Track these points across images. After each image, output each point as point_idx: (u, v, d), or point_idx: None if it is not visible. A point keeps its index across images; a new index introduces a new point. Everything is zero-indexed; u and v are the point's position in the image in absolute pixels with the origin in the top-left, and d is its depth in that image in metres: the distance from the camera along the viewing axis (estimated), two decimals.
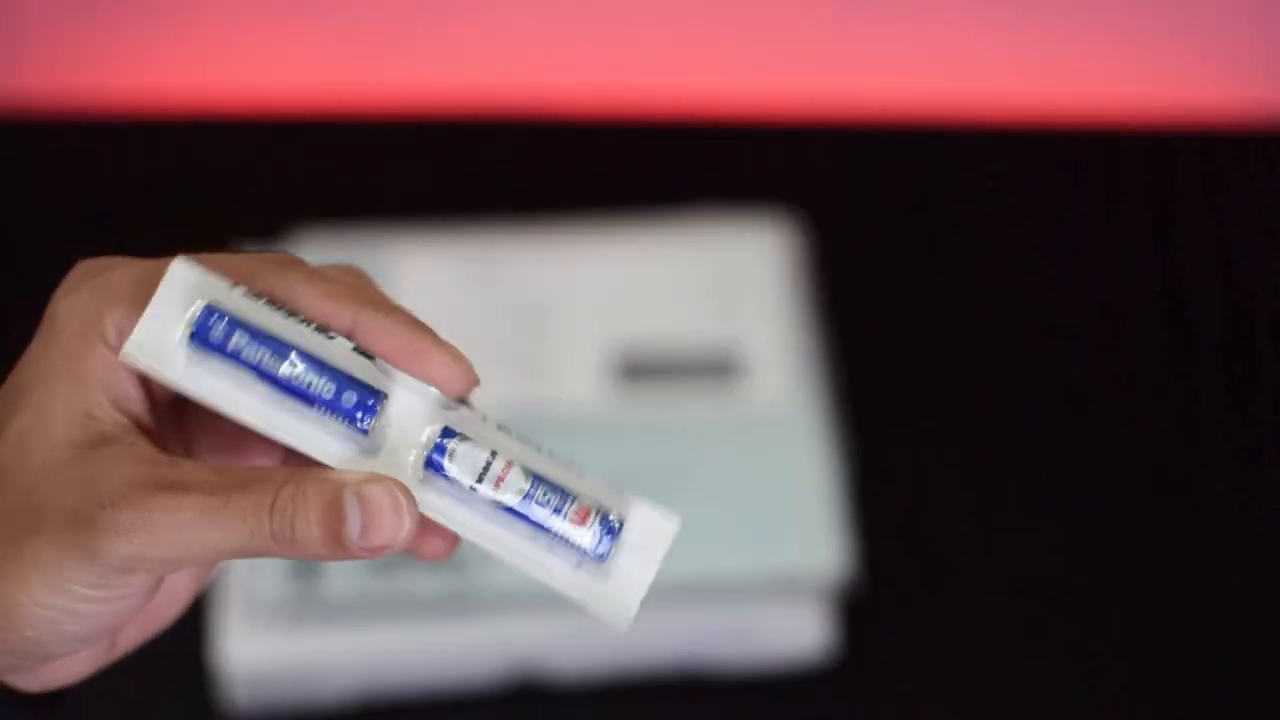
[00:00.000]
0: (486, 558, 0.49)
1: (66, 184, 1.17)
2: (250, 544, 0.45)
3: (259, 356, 0.46)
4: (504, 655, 0.93)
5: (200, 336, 0.46)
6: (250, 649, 0.91)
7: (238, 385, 0.46)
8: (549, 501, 0.47)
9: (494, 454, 0.47)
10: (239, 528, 0.45)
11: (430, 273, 1.04)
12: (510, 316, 1.03)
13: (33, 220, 1.15)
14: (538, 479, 0.47)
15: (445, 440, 0.47)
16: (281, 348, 0.46)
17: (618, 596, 0.47)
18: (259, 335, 0.46)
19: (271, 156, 1.18)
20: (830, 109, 1.20)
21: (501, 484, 0.47)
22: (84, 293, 0.48)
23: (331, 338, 0.47)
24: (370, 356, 0.47)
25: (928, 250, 1.13)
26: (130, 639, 0.52)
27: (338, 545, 0.45)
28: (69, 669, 0.50)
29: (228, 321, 0.46)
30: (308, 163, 1.18)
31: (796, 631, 0.94)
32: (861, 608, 0.95)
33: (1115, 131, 1.19)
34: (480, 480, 0.47)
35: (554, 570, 0.47)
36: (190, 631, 0.92)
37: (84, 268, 0.49)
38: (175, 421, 0.50)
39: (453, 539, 0.48)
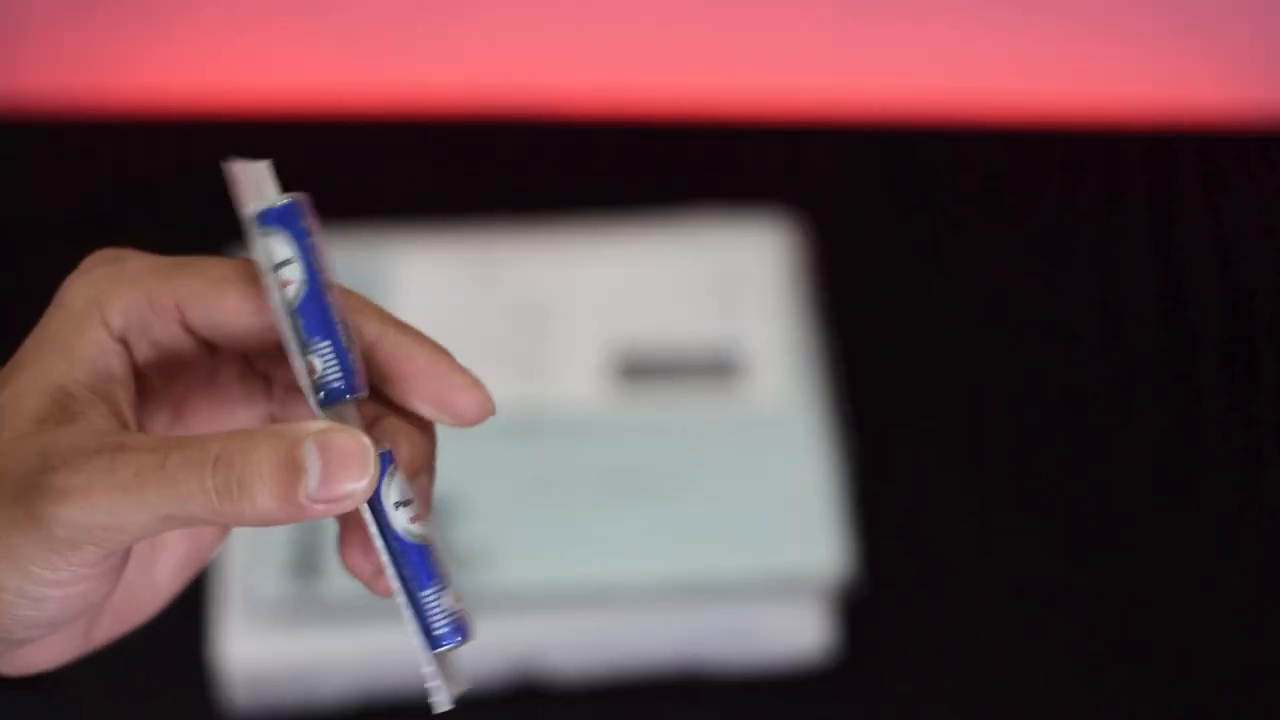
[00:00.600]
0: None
1: (66, 184, 1.17)
2: (190, 504, 0.44)
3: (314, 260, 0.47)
4: (504, 655, 0.93)
5: (276, 215, 0.48)
6: (250, 649, 0.91)
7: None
8: (440, 565, 0.48)
9: (412, 501, 0.47)
10: (176, 486, 0.44)
11: (430, 273, 1.04)
12: (510, 316, 1.03)
13: (33, 220, 1.15)
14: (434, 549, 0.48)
15: (385, 460, 0.46)
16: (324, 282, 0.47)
17: (452, 680, 0.49)
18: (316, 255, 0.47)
19: (271, 156, 1.17)
20: (830, 109, 1.20)
21: (416, 521, 0.47)
22: (96, 275, 0.48)
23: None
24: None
25: (928, 250, 1.13)
26: (108, 629, 0.51)
27: (290, 500, 0.44)
28: (43, 655, 0.49)
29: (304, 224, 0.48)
30: (308, 163, 1.17)
31: (796, 631, 0.94)
32: (861, 608, 0.95)
33: (1115, 131, 1.19)
34: (402, 505, 0.47)
35: (416, 626, 0.49)
36: (190, 631, 0.92)
37: (101, 254, 0.49)
38: (173, 413, 0.50)
39: (379, 571, 0.48)
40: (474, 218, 1.09)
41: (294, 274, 0.46)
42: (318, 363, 0.46)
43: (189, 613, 0.92)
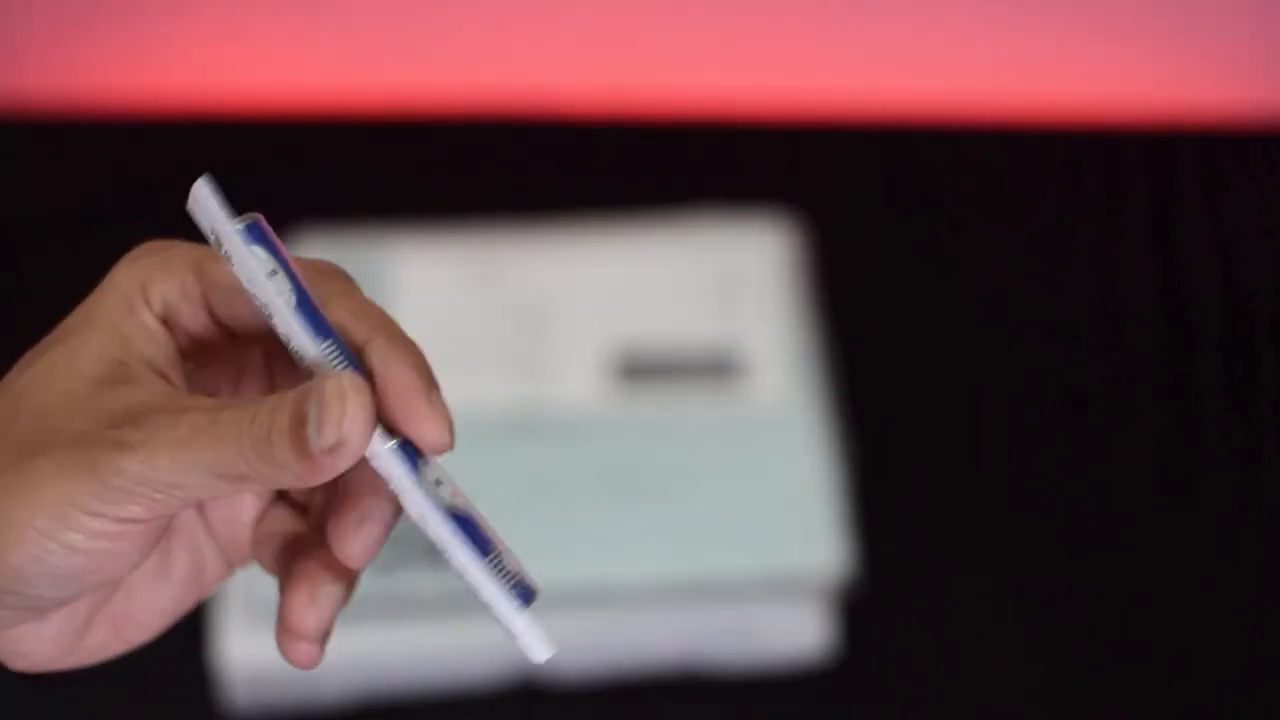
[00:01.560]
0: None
1: (66, 184, 1.17)
2: (236, 462, 0.46)
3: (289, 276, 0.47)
4: (504, 655, 0.93)
5: (255, 231, 0.47)
6: (250, 649, 0.91)
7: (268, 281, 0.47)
8: (490, 534, 0.49)
9: (443, 481, 0.48)
10: (224, 444, 0.46)
11: (430, 273, 1.04)
12: (510, 316, 1.03)
13: (33, 220, 1.15)
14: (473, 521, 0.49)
15: (411, 450, 0.48)
16: (296, 282, 0.47)
17: (540, 635, 0.49)
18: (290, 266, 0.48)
19: (271, 156, 1.18)
20: (830, 109, 1.20)
21: (457, 496, 0.48)
22: (143, 261, 0.50)
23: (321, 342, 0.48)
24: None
25: (928, 250, 1.13)
26: (101, 640, 0.52)
27: (302, 451, 0.46)
28: (32, 646, 0.50)
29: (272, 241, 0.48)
30: (308, 163, 1.18)
31: (796, 631, 0.94)
32: (861, 608, 0.95)
33: (1115, 131, 1.19)
34: (439, 485, 0.48)
35: (490, 592, 0.49)
36: (190, 631, 0.92)
37: (150, 245, 0.51)
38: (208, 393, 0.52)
39: (319, 652, 0.51)
40: (474, 218, 1.09)
41: (283, 284, 0.47)
42: (324, 364, 0.47)
43: (189, 613, 0.92)
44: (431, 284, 1.04)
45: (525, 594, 0.49)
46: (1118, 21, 1.22)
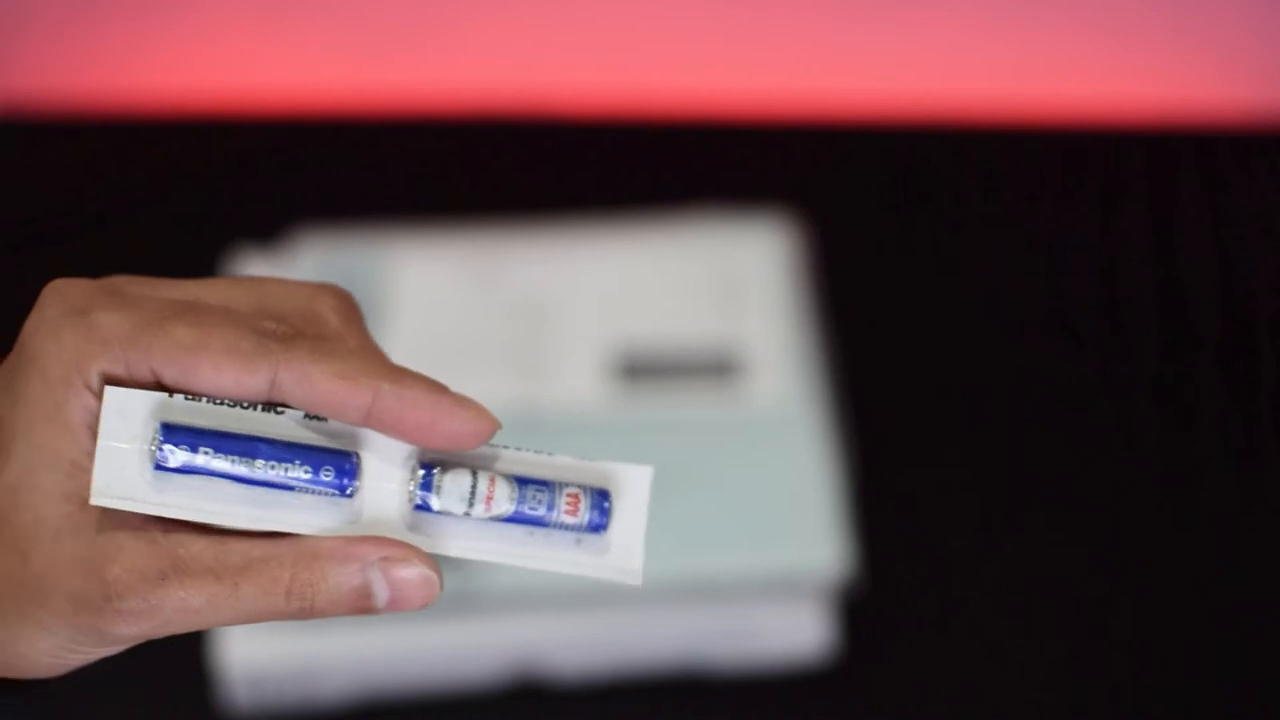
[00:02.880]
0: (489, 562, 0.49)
1: (66, 184, 1.17)
2: (260, 620, 0.46)
3: (227, 464, 0.46)
4: (504, 655, 0.93)
5: (164, 464, 0.46)
6: (250, 649, 0.91)
7: (212, 495, 0.46)
8: (540, 500, 0.48)
9: (475, 473, 0.48)
10: (250, 611, 0.46)
11: (430, 273, 1.04)
12: (510, 316, 1.03)
13: (33, 220, 1.15)
14: (522, 482, 0.48)
15: (428, 476, 0.47)
16: (247, 446, 0.46)
17: (623, 556, 0.48)
18: (221, 442, 0.46)
19: (271, 156, 1.18)
20: (830, 109, 1.20)
21: (492, 501, 0.48)
22: (66, 335, 0.46)
23: (280, 412, 0.47)
24: (321, 419, 0.47)
25: (928, 250, 1.14)
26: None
27: (366, 612, 0.47)
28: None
29: (188, 440, 0.46)
30: (308, 163, 1.18)
31: (796, 631, 0.94)
32: (861, 608, 0.95)
33: (1115, 131, 1.19)
34: (471, 505, 0.47)
35: (556, 559, 0.48)
36: (190, 632, 0.92)
37: (60, 300, 0.47)
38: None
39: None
40: (474, 218, 1.09)
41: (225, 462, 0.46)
42: (307, 494, 0.47)
43: None
44: (431, 284, 1.04)
45: (598, 524, 0.48)
46: (1118, 21, 1.22)
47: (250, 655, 0.91)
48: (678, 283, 1.04)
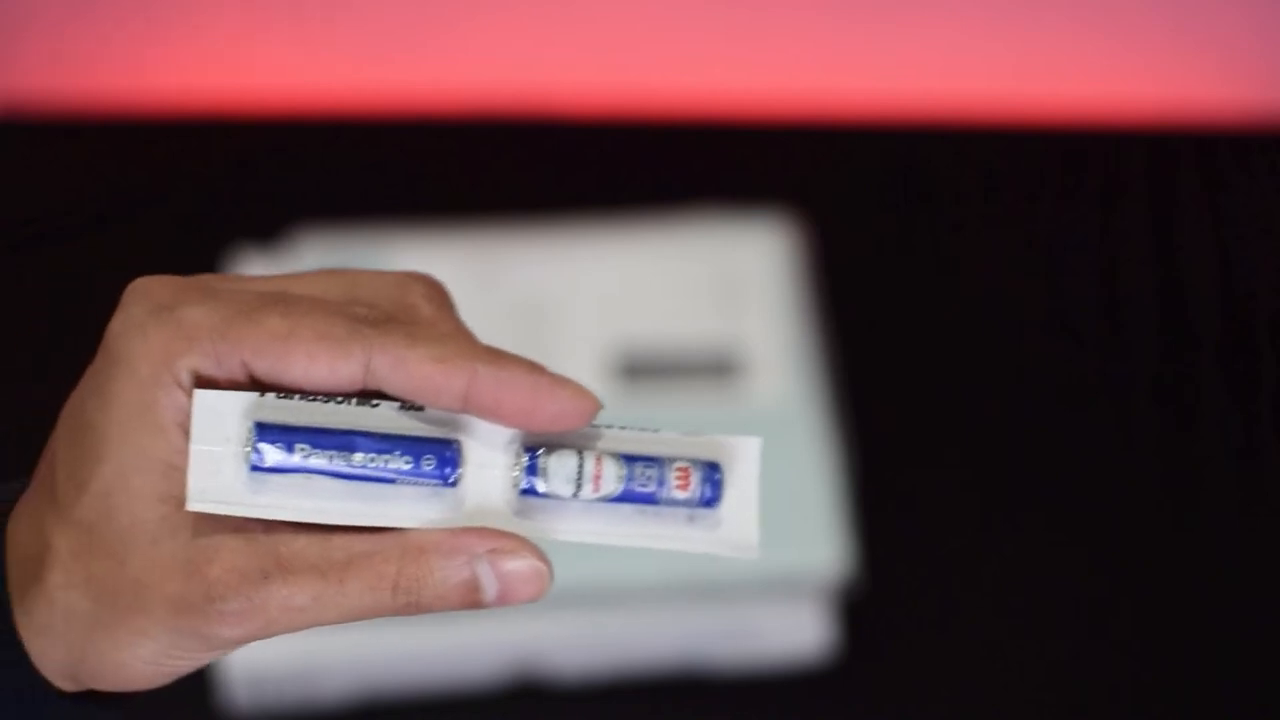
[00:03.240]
0: None
1: (66, 184, 1.17)
2: (366, 617, 0.45)
3: (325, 460, 0.45)
4: (504, 655, 0.93)
5: (260, 465, 0.45)
6: (250, 649, 0.91)
7: (311, 493, 0.45)
8: (649, 476, 0.46)
9: (581, 453, 0.46)
10: (356, 607, 0.45)
11: (430, 273, 1.04)
12: (510, 316, 1.03)
13: (33, 220, 1.15)
14: (630, 460, 0.46)
15: (533, 460, 0.46)
16: (344, 440, 0.45)
17: (737, 530, 0.48)
18: (317, 438, 0.45)
19: (271, 156, 1.18)
20: (830, 109, 1.20)
21: (600, 480, 0.46)
22: (153, 332, 0.44)
23: (376, 405, 0.45)
24: (418, 407, 0.46)
25: (928, 250, 1.13)
26: None
27: (474, 607, 0.45)
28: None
29: (283, 438, 0.45)
30: (308, 163, 1.18)
31: (796, 631, 0.94)
32: (861, 608, 0.95)
33: (1115, 131, 1.19)
34: (579, 486, 0.46)
35: (670, 536, 0.47)
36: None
37: (145, 298, 0.45)
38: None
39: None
40: (474, 218, 1.09)
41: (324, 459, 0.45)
42: (410, 483, 0.45)
43: None
44: None
45: (710, 497, 0.47)
46: (1118, 21, 1.22)
47: (250, 655, 0.91)
48: (678, 283, 1.04)
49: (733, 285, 1.03)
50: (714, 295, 1.03)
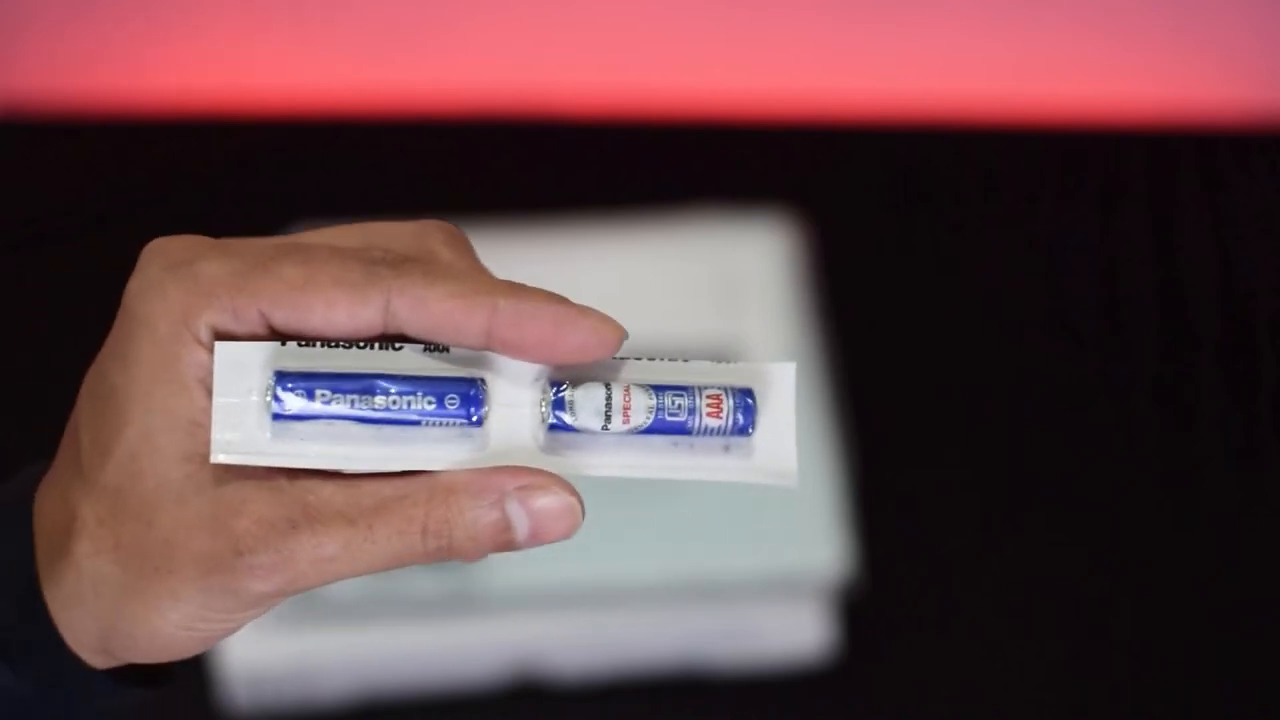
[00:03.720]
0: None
1: (66, 184, 1.17)
2: (396, 565, 0.44)
3: (347, 406, 0.44)
4: (504, 655, 0.93)
5: (282, 413, 0.44)
6: (250, 649, 0.91)
7: (336, 439, 0.44)
8: (680, 405, 0.45)
9: (609, 384, 0.45)
10: (387, 554, 0.44)
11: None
12: None
13: (33, 220, 1.15)
14: (659, 390, 0.45)
15: (559, 394, 0.45)
16: (366, 384, 0.44)
17: (773, 458, 0.46)
18: (338, 383, 0.44)
19: (271, 156, 1.18)
20: (830, 109, 1.20)
21: (629, 412, 0.45)
22: (170, 290, 0.44)
23: (399, 348, 0.45)
24: (442, 349, 0.45)
25: (928, 250, 1.13)
26: None
27: (507, 548, 0.44)
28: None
29: (304, 384, 0.44)
30: (308, 163, 1.18)
31: (796, 631, 0.94)
32: (861, 608, 0.95)
33: (1115, 131, 1.19)
34: (608, 419, 0.45)
35: (705, 467, 0.46)
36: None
37: (161, 256, 0.45)
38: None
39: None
40: (474, 218, 1.09)
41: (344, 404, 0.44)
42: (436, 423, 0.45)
43: None
44: None
45: (744, 425, 0.46)
46: (1118, 21, 1.22)
47: (250, 655, 0.91)
48: (678, 283, 1.04)
49: (733, 285, 1.03)
50: (714, 295, 1.03)
